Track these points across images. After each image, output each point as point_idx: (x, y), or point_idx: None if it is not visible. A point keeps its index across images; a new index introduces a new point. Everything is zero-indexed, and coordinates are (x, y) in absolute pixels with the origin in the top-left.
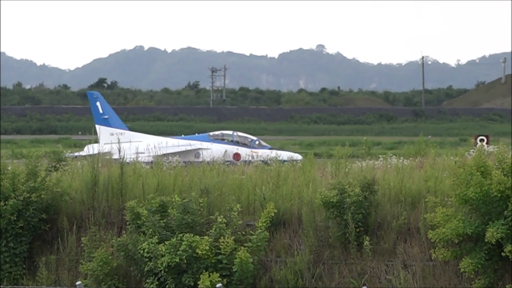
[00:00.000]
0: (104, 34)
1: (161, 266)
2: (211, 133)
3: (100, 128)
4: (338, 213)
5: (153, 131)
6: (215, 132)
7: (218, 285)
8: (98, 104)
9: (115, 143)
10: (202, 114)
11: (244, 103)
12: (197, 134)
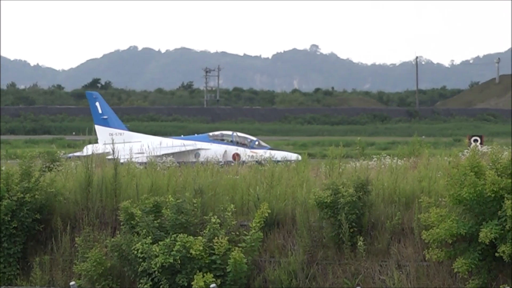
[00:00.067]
0: (98, 35)
1: (155, 266)
2: (211, 134)
3: (100, 129)
4: (332, 214)
5: (147, 132)
6: (214, 133)
7: (212, 285)
8: (97, 104)
9: (114, 143)
10: (196, 115)
11: (238, 103)
12: (196, 135)
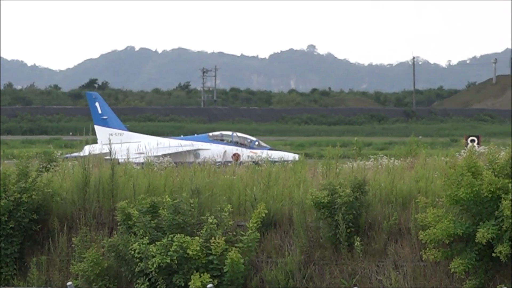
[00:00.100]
0: (95, 35)
1: (152, 266)
2: (211, 134)
3: (99, 129)
4: (329, 214)
5: (144, 132)
6: (214, 133)
7: (209, 285)
8: (97, 104)
9: (111, 143)
10: (193, 115)
11: (235, 104)
12: (196, 135)
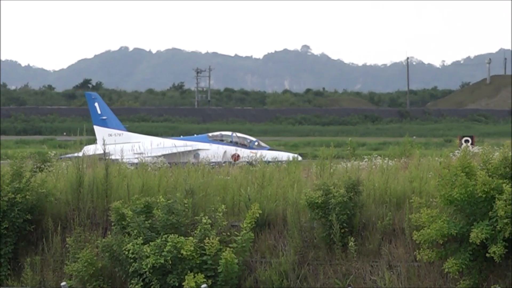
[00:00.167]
0: (89, 35)
1: (146, 267)
2: (210, 134)
3: (98, 129)
4: (323, 214)
5: (138, 132)
6: (214, 133)
7: (203, 286)
8: (96, 105)
9: (114, 143)
10: (187, 115)
11: (229, 104)
12: (195, 135)
